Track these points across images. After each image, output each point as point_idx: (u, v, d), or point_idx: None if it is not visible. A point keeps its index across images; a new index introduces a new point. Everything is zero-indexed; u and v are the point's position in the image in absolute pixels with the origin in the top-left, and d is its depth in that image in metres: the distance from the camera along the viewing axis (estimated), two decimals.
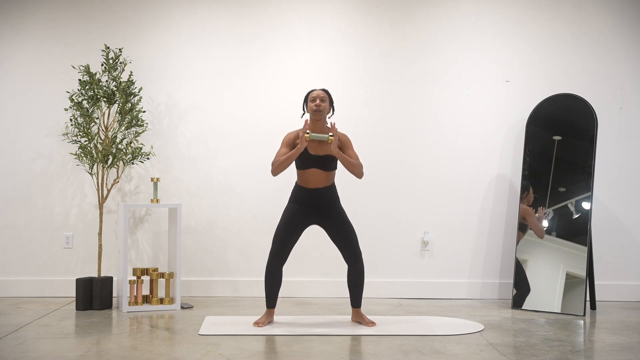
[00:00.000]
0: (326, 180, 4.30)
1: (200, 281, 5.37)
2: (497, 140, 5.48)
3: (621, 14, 5.51)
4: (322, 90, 4.33)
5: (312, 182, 4.28)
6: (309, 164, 4.25)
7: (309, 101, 4.30)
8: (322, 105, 4.27)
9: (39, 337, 3.99)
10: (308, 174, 4.27)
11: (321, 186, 4.29)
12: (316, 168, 4.25)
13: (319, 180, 4.28)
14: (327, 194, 4.31)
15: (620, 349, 3.83)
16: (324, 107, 4.28)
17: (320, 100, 4.27)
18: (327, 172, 4.28)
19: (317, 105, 4.25)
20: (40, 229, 5.34)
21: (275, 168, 4.20)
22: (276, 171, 4.21)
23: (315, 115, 4.26)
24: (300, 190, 4.32)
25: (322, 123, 4.30)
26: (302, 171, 4.29)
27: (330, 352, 3.68)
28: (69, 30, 5.39)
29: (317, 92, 4.30)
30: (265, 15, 5.46)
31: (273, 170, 4.22)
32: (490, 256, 5.46)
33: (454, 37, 5.50)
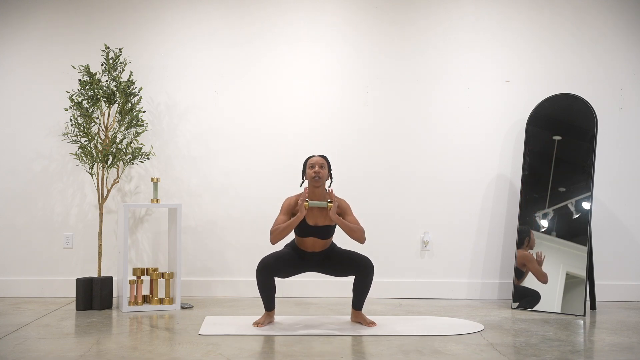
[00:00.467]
0: (324, 246, 4.35)
1: (200, 281, 5.37)
2: (497, 140, 5.48)
3: (621, 14, 5.51)
4: (320, 157, 4.34)
5: (310, 248, 4.33)
6: (307, 234, 4.28)
7: (308, 168, 4.31)
8: (321, 172, 4.28)
9: (39, 337, 3.99)
10: (306, 242, 4.32)
11: (319, 250, 4.34)
12: (315, 237, 4.29)
13: (316, 247, 4.33)
14: (325, 253, 4.36)
15: (620, 349, 3.83)
16: (323, 174, 4.29)
17: (320, 167, 4.28)
18: (325, 240, 4.32)
19: (316, 172, 4.27)
20: (40, 229, 5.34)
21: (275, 237, 4.20)
22: (275, 240, 4.21)
23: (314, 183, 4.27)
24: (298, 250, 4.37)
25: (321, 190, 4.31)
26: (300, 238, 4.33)
27: (330, 352, 3.68)
28: (69, 30, 5.39)
29: (315, 159, 4.31)
30: (265, 15, 5.46)
31: (272, 239, 4.20)
32: (490, 256, 5.46)
33: (454, 37, 5.50)
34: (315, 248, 4.32)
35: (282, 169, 5.38)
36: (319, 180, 4.27)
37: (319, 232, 4.27)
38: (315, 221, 4.26)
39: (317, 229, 4.27)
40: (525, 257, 5.08)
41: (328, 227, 4.29)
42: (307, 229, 4.26)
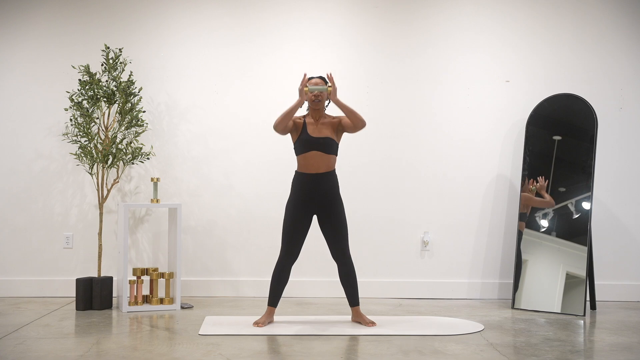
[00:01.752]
0: (327, 165, 4.30)
1: (200, 281, 5.37)
2: (497, 140, 5.49)
3: (621, 14, 5.51)
4: (319, 78, 4.36)
5: (313, 166, 4.29)
6: (310, 147, 4.27)
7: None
8: (320, 95, 4.31)
9: (39, 337, 3.99)
10: (308, 158, 4.29)
11: (322, 171, 4.30)
12: (316, 151, 4.27)
13: (319, 164, 4.29)
14: (328, 180, 4.31)
15: (620, 349, 3.83)
16: (322, 96, 4.32)
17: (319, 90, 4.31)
18: (327, 156, 4.29)
19: (316, 96, 4.30)
20: (40, 229, 5.34)
21: (278, 122, 4.22)
22: (278, 126, 4.22)
23: (314, 105, 4.31)
24: (301, 177, 4.33)
25: (320, 111, 4.34)
26: (302, 156, 4.31)
27: (330, 352, 3.68)
28: (69, 30, 5.39)
29: (315, 80, 4.34)
30: (265, 15, 5.46)
31: (275, 125, 4.24)
32: (490, 256, 5.46)
33: (454, 37, 5.50)
34: (319, 168, 4.28)
35: (282, 169, 5.37)
36: (319, 103, 4.32)
37: (321, 144, 4.27)
38: (317, 133, 4.28)
39: (318, 140, 4.27)
40: (525, 197, 5.15)
41: (329, 140, 4.29)
42: (309, 141, 4.26)
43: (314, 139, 4.27)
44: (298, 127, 4.33)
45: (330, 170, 4.32)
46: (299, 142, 4.29)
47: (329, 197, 4.31)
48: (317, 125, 4.31)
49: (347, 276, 4.36)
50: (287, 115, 4.22)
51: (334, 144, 4.32)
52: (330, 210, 4.31)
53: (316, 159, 4.28)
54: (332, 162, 4.33)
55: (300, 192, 4.32)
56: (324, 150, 4.28)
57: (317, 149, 4.27)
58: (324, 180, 4.30)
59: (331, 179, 4.32)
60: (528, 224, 5.14)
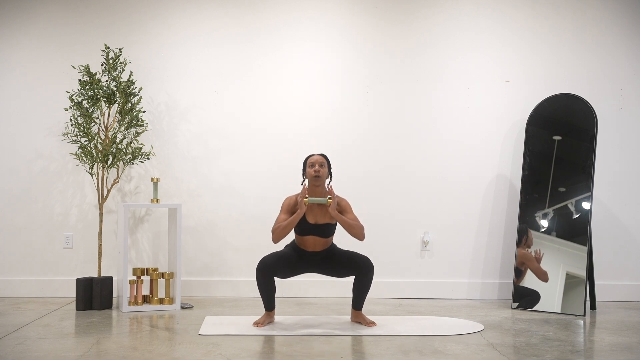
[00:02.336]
0: (324, 245, 4.34)
1: (200, 281, 5.37)
2: (497, 140, 5.49)
3: (621, 14, 5.51)
4: (320, 156, 4.34)
5: (311, 247, 4.33)
6: (308, 232, 4.28)
7: (308, 167, 4.31)
8: (321, 170, 4.29)
9: (39, 337, 3.99)
10: (306, 240, 4.31)
11: (319, 250, 4.34)
12: (315, 236, 4.29)
13: (317, 245, 4.32)
14: (325, 253, 4.36)
15: (620, 349, 3.83)
16: (322, 173, 4.29)
17: (319, 166, 4.29)
18: (325, 239, 4.32)
19: (316, 171, 4.28)
20: (40, 229, 5.34)
21: (276, 236, 4.20)
22: (277, 239, 4.21)
23: (314, 181, 4.28)
24: (298, 249, 4.36)
25: (321, 189, 4.32)
26: (300, 237, 4.32)
27: (330, 352, 3.68)
28: (69, 30, 5.39)
29: (315, 158, 4.32)
30: (265, 15, 5.46)
31: (274, 238, 4.21)
32: (490, 256, 5.46)
33: (454, 37, 5.50)
34: (316, 247, 4.32)
35: (282, 169, 5.38)
36: (319, 179, 4.28)
37: (320, 230, 4.27)
38: (316, 219, 4.27)
39: (317, 227, 4.27)
40: (523, 256, 5.07)
41: (328, 225, 4.29)
42: (308, 227, 4.26)
43: (311, 225, 4.27)
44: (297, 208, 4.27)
45: (329, 247, 4.36)
46: (297, 226, 4.27)
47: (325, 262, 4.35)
48: (315, 209, 4.28)
49: (364, 284, 4.31)
50: (287, 229, 4.19)
51: (333, 227, 4.32)
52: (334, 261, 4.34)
53: (314, 241, 4.31)
54: (330, 241, 4.36)
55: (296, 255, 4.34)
56: (322, 235, 4.29)
57: (315, 234, 4.28)
58: (322, 254, 4.35)
59: (327, 250, 4.36)
60: (528, 224, 5.14)
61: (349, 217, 4.28)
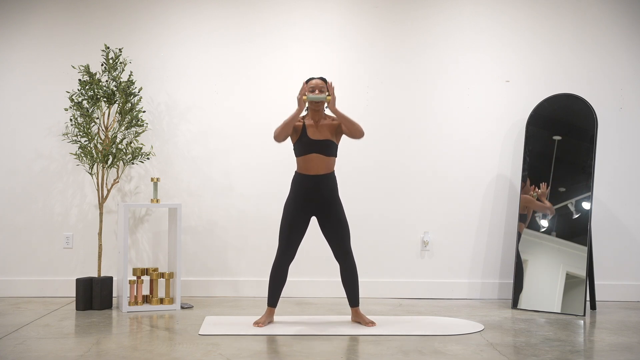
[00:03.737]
0: (326, 167, 4.30)
1: (200, 281, 5.37)
2: (497, 140, 5.49)
3: (621, 14, 5.51)
4: (320, 79, 4.35)
5: (313, 168, 4.29)
6: (309, 149, 4.27)
7: (308, 91, 4.32)
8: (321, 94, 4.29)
9: (39, 337, 3.99)
10: (308, 160, 4.29)
11: (321, 173, 4.30)
12: (316, 153, 4.27)
13: (319, 166, 4.29)
14: (328, 182, 4.31)
15: (620, 349, 3.83)
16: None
17: (319, 90, 4.29)
18: (327, 158, 4.29)
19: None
20: (40, 229, 5.34)
21: (278, 134, 4.24)
22: (279, 136, 4.25)
23: (314, 106, 4.29)
24: (301, 178, 4.33)
25: (320, 112, 4.33)
26: (302, 157, 4.31)
27: (330, 352, 3.68)
28: (69, 30, 5.39)
29: (315, 82, 4.32)
30: (265, 15, 5.46)
31: (276, 136, 4.26)
32: (490, 256, 5.46)
33: (454, 37, 5.50)
34: (319, 170, 4.28)
35: (282, 169, 5.37)
36: (319, 104, 4.29)
37: (321, 146, 4.26)
38: (316, 136, 4.28)
39: (318, 143, 4.26)
40: (526, 200, 5.14)
41: (329, 142, 4.28)
42: (309, 144, 4.26)
43: (313, 141, 4.27)
44: (297, 129, 4.31)
45: (330, 172, 4.33)
46: (298, 144, 4.29)
47: (328, 199, 4.31)
48: (317, 127, 4.30)
49: (348, 277, 4.36)
50: (287, 125, 4.21)
51: (334, 146, 4.32)
52: (329, 211, 4.31)
53: (316, 161, 4.28)
54: (332, 164, 4.33)
55: (299, 193, 4.32)
56: (324, 153, 4.28)
57: (316, 152, 4.27)
58: (323, 182, 4.30)
59: (330, 180, 4.32)
60: (528, 224, 5.14)
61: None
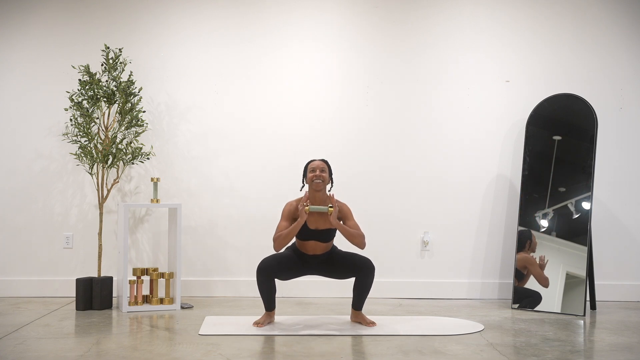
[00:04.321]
0: (325, 249, 4.34)
1: (200, 281, 5.37)
2: (497, 140, 5.49)
3: (621, 14, 5.51)
4: (321, 161, 4.34)
5: (311, 250, 4.33)
6: (309, 237, 4.28)
7: (309, 172, 4.30)
8: (322, 176, 4.27)
9: (39, 337, 3.99)
10: (307, 245, 4.31)
11: (320, 253, 4.34)
12: (316, 241, 4.29)
13: (317, 249, 4.33)
14: (326, 256, 4.37)
15: (620, 349, 3.83)
16: (323, 178, 4.28)
17: (320, 171, 4.27)
18: (326, 243, 4.32)
19: (317, 177, 4.26)
20: (40, 229, 5.34)
21: (278, 244, 4.19)
22: (278, 247, 4.21)
23: (315, 187, 4.26)
24: (299, 252, 4.36)
25: (321, 194, 4.29)
26: (301, 241, 4.32)
27: (330, 352, 3.68)
28: (69, 30, 5.39)
29: (316, 163, 4.31)
30: (265, 15, 5.46)
31: (275, 247, 4.20)
32: (490, 256, 5.46)
33: (454, 37, 5.50)
34: (317, 251, 4.32)
35: (282, 169, 5.38)
36: (320, 184, 4.26)
37: (320, 235, 4.27)
38: (316, 225, 4.26)
39: (318, 232, 4.26)
40: (526, 260, 5.07)
41: (329, 231, 4.29)
42: (308, 233, 4.26)
43: (312, 231, 4.26)
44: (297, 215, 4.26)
45: (329, 250, 4.36)
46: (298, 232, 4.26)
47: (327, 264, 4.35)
48: (316, 215, 4.27)
49: (364, 285, 4.31)
50: (288, 237, 4.18)
51: (333, 232, 4.32)
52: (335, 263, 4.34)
53: (314, 246, 4.31)
54: (330, 244, 4.37)
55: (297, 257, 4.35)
56: (323, 240, 4.30)
57: (316, 239, 4.28)
58: (322, 257, 4.35)
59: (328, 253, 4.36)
60: (528, 224, 5.13)
61: (349, 224, 4.27)
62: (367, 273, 4.27)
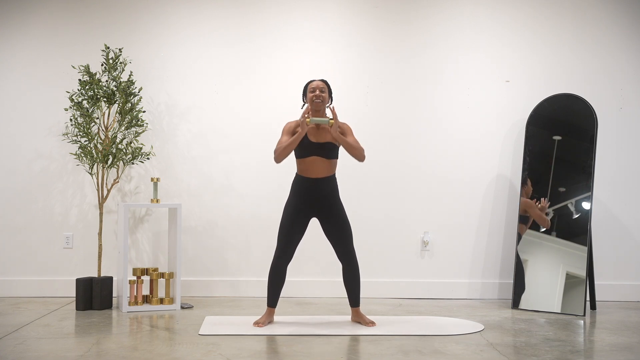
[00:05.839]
0: (327, 170, 4.29)
1: (200, 281, 5.37)
2: (497, 140, 5.49)
3: (621, 14, 5.51)
4: (321, 81, 4.35)
5: (313, 171, 4.27)
6: (310, 152, 4.25)
7: (309, 92, 4.32)
8: (322, 95, 4.29)
9: (39, 337, 3.99)
10: (308, 163, 4.27)
11: (322, 176, 4.28)
12: (317, 156, 4.25)
13: (320, 169, 4.27)
14: (328, 184, 4.30)
15: (620, 349, 3.83)
16: (323, 97, 4.30)
17: (320, 91, 4.29)
18: (328, 160, 4.28)
19: (317, 96, 4.27)
20: (40, 229, 5.34)
21: (278, 155, 4.21)
22: (279, 158, 4.22)
23: (315, 106, 4.28)
24: (301, 181, 4.31)
25: (321, 113, 4.32)
26: (302, 160, 4.29)
27: (330, 352, 3.68)
28: (69, 30, 5.39)
29: (316, 83, 4.33)
30: (265, 15, 5.46)
31: (276, 157, 4.23)
32: (490, 256, 5.46)
33: (454, 37, 5.50)
34: (319, 172, 4.26)
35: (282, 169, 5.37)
36: (320, 104, 4.28)
37: (322, 149, 4.25)
38: (317, 138, 4.26)
39: (319, 146, 4.24)
40: (526, 204, 5.13)
41: (330, 145, 4.27)
42: (310, 146, 4.24)
43: (314, 144, 4.25)
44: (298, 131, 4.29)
45: (331, 175, 4.32)
46: (299, 147, 4.26)
47: (329, 201, 4.30)
48: (318, 129, 4.29)
49: (351, 277, 4.34)
50: (289, 148, 4.19)
51: (335, 148, 4.30)
52: (330, 213, 4.30)
53: (317, 163, 4.26)
54: (333, 166, 4.32)
55: (299, 195, 4.31)
56: (325, 156, 4.26)
57: (317, 154, 4.25)
58: (324, 184, 4.29)
59: (331, 182, 4.31)
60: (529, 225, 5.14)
61: (349, 139, 4.27)
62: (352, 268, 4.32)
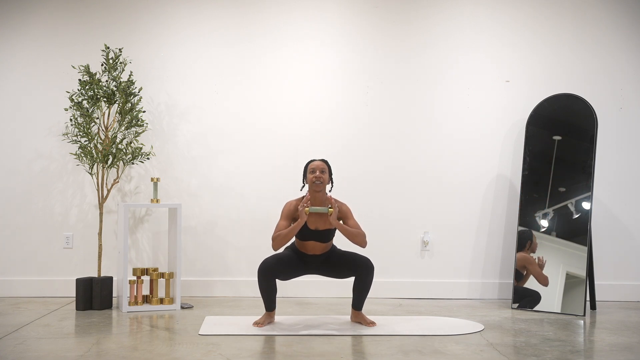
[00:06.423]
0: (324, 249, 4.35)
1: (200, 281, 5.37)
2: (497, 140, 5.49)
3: (621, 14, 5.51)
4: (321, 161, 4.33)
5: (311, 250, 4.33)
6: (308, 237, 4.28)
7: (309, 173, 4.29)
8: (322, 177, 4.26)
9: (39, 337, 3.99)
10: (306, 245, 4.32)
11: (319, 253, 4.34)
12: (315, 241, 4.29)
13: (317, 249, 4.33)
14: (326, 255, 4.37)
15: (620, 349, 3.83)
16: (324, 179, 4.27)
17: (320, 172, 4.27)
18: (325, 243, 4.32)
19: (317, 178, 4.25)
20: (40, 229, 5.34)
21: (277, 244, 4.18)
22: (277, 246, 4.19)
23: (315, 187, 4.25)
24: (298, 252, 4.37)
25: (322, 194, 4.29)
26: (300, 241, 4.32)
27: (330, 352, 3.68)
28: (69, 30, 5.39)
29: (316, 163, 4.30)
30: (265, 15, 5.46)
31: (274, 246, 4.18)
32: (490, 256, 5.46)
33: (453, 37, 5.50)
34: (316, 251, 4.32)
35: (281, 169, 5.38)
36: (320, 185, 4.26)
37: (320, 236, 4.27)
38: (316, 225, 4.26)
39: (317, 233, 4.26)
40: (526, 260, 5.07)
41: (328, 231, 4.29)
42: (308, 233, 4.26)
43: (312, 231, 4.26)
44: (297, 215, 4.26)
45: (328, 250, 4.37)
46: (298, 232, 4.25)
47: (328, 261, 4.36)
48: (318, 215, 4.26)
49: (364, 285, 4.31)
50: (287, 237, 4.17)
51: (332, 233, 4.33)
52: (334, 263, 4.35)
53: (314, 246, 4.31)
54: (330, 244, 4.37)
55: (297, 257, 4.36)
56: (323, 241, 4.30)
57: (316, 239, 4.29)
58: (322, 257, 4.36)
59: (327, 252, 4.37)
60: (528, 224, 5.14)
61: (349, 223, 4.27)
62: (367, 272, 4.27)
